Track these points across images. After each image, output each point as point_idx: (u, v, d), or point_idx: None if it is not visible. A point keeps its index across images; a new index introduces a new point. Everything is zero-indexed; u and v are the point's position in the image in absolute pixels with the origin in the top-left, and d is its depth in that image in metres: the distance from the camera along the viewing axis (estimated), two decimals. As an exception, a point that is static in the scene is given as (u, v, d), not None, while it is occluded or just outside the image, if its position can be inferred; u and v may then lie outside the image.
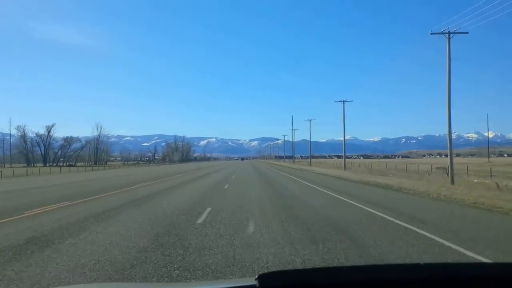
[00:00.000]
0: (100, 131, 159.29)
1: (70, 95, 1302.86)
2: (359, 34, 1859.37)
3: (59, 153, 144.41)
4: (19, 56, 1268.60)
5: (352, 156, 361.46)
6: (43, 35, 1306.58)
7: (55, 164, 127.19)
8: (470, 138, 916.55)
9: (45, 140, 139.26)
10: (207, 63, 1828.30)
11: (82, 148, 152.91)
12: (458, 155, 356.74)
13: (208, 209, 12.69)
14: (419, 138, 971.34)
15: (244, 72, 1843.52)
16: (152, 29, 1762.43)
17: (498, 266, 2.11)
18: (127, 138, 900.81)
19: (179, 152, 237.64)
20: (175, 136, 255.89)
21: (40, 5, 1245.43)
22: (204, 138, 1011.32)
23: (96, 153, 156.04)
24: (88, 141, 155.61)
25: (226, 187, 23.57)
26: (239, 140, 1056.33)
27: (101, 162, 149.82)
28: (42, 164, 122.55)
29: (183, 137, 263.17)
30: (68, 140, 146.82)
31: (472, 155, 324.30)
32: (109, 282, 5.22)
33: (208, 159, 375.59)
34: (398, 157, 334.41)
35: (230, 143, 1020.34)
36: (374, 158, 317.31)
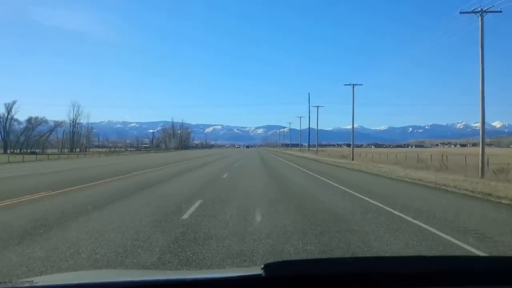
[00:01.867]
0: (78, 111, 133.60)
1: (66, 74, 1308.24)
2: (367, 19, 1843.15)
3: (22, 138, 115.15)
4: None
5: (362, 145, 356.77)
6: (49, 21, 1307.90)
7: (18, 151, 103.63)
8: (478, 128, 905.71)
9: (5, 122, 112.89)
10: (215, 51, 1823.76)
11: (50, 132, 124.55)
12: (474, 144, 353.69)
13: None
14: (426, 127, 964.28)
15: (251, 59, 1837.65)
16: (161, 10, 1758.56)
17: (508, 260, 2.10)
18: (132, 125, 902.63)
19: (177, 138, 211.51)
20: (172, 121, 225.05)
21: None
22: (209, 125, 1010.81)
23: (72, 138, 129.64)
24: (58, 124, 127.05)
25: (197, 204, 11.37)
26: (244, 127, 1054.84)
27: (82, 149, 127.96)
28: (2, 151, 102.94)
29: (182, 122, 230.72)
30: (32, 122, 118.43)
31: (489, 145, 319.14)
32: (109, 269, 5.27)
33: (211, 146, 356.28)
34: (411, 146, 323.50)
35: (235, 130, 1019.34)
36: (386, 147, 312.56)
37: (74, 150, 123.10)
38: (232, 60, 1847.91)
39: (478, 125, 24.65)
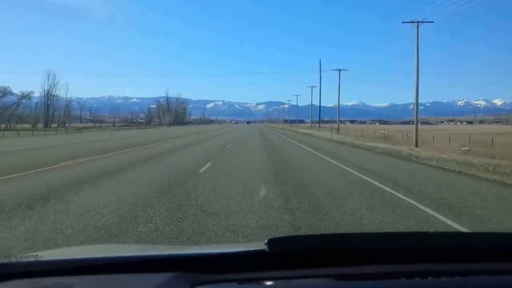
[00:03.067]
0: (53, 81, 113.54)
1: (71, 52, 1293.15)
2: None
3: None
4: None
5: (366, 121, 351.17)
6: None
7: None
8: (479, 105, 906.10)
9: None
10: (217, 25, 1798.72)
11: (17, 104, 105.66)
12: (481, 122, 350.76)
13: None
14: (427, 104, 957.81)
15: (253, 36, 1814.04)
16: None
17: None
18: (133, 100, 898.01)
19: (171, 113, 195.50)
20: (167, 95, 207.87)
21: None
22: (211, 101, 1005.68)
23: (47, 111, 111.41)
24: (25, 95, 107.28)
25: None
26: (246, 103, 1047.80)
27: (60, 124, 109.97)
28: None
29: (178, 96, 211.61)
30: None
31: (496, 122, 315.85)
32: (113, 244, 5.19)
33: (210, 121, 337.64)
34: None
35: (237, 106, 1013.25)
36: (390, 123, 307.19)
37: (49, 125, 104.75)
38: (238, 40, 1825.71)
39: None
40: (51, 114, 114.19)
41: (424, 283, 1.50)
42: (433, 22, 32.21)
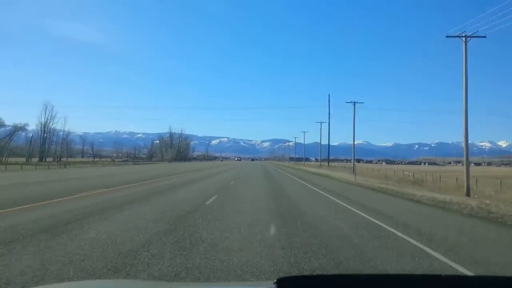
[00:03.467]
0: (51, 114, 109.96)
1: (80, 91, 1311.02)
2: (366, 40, 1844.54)
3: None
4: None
5: (372, 161, 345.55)
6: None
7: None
8: (484, 147, 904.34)
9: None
10: (217, 65, 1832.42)
11: (10, 136, 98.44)
12: (489, 164, 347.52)
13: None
14: (432, 145, 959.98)
15: (256, 74, 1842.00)
16: (160, 26, 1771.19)
17: None
18: (139, 135, 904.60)
19: (174, 148, 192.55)
20: (170, 131, 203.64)
21: None
22: (216, 138, 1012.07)
23: (42, 145, 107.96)
24: (19, 128, 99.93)
25: None
26: (251, 140, 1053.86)
27: (56, 159, 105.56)
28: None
29: (181, 132, 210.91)
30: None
31: (505, 164, 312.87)
32: (109, 280, 5.05)
33: (214, 158, 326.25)
34: (424, 164, 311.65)
35: (242, 143, 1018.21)
36: (397, 163, 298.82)
37: (44, 159, 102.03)
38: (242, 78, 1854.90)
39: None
40: (46, 148, 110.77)
41: None
42: (485, 37, 24.35)
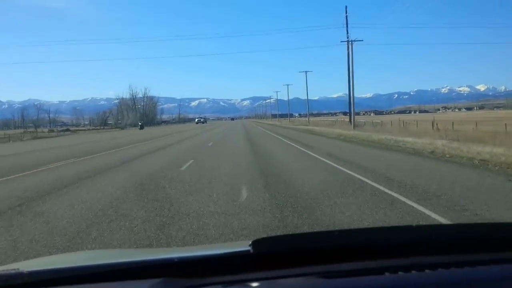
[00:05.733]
0: None
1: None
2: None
3: None
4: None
5: (359, 112, 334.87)
6: None
7: None
8: (462, 92, 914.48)
9: None
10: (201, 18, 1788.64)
11: None
12: (482, 107, 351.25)
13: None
14: (411, 93, 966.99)
15: (237, 31, 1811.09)
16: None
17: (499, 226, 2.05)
18: (116, 101, 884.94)
19: (137, 111, 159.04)
20: (131, 89, 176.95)
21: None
22: (195, 99, 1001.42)
23: None
24: None
25: None
26: (230, 100, 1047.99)
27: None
28: None
29: (145, 91, 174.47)
30: None
31: (497, 107, 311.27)
32: (94, 250, 4.90)
33: (186, 120, 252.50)
34: (415, 112, 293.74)
35: (221, 103, 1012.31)
36: (386, 114, 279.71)
37: None
38: (224, 39, 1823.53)
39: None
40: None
41: (408, 277, 1.50)
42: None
